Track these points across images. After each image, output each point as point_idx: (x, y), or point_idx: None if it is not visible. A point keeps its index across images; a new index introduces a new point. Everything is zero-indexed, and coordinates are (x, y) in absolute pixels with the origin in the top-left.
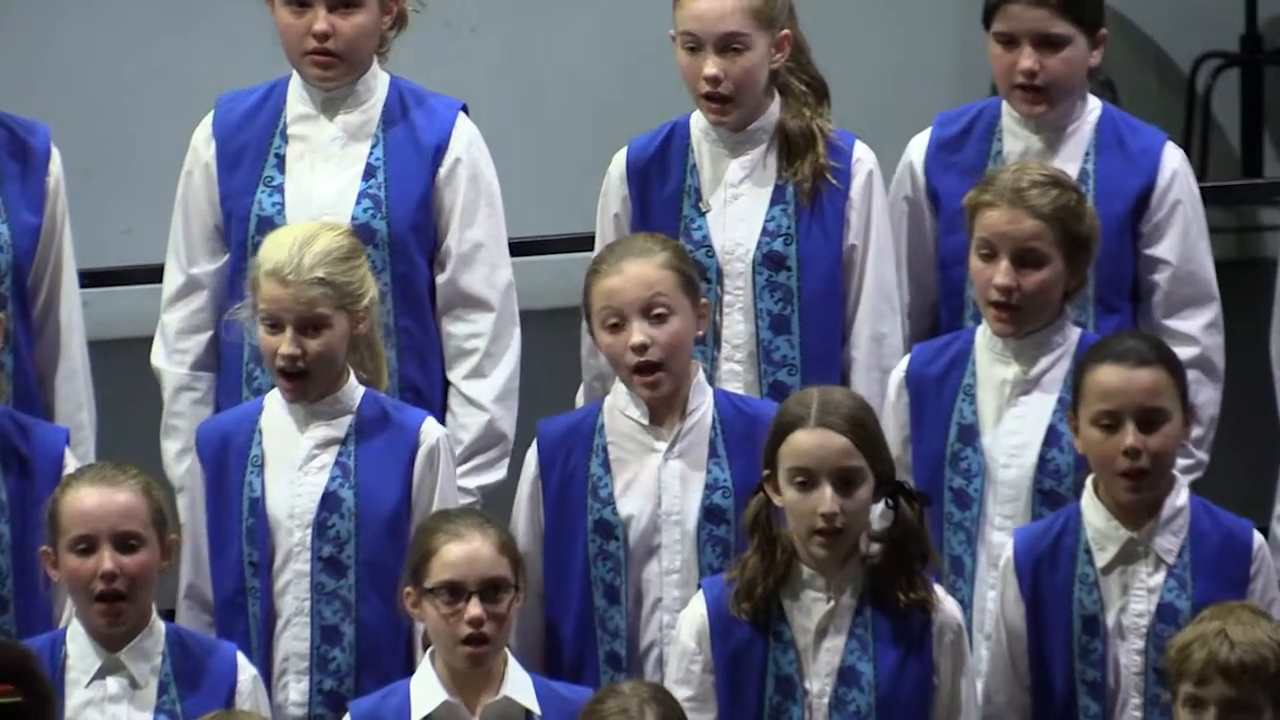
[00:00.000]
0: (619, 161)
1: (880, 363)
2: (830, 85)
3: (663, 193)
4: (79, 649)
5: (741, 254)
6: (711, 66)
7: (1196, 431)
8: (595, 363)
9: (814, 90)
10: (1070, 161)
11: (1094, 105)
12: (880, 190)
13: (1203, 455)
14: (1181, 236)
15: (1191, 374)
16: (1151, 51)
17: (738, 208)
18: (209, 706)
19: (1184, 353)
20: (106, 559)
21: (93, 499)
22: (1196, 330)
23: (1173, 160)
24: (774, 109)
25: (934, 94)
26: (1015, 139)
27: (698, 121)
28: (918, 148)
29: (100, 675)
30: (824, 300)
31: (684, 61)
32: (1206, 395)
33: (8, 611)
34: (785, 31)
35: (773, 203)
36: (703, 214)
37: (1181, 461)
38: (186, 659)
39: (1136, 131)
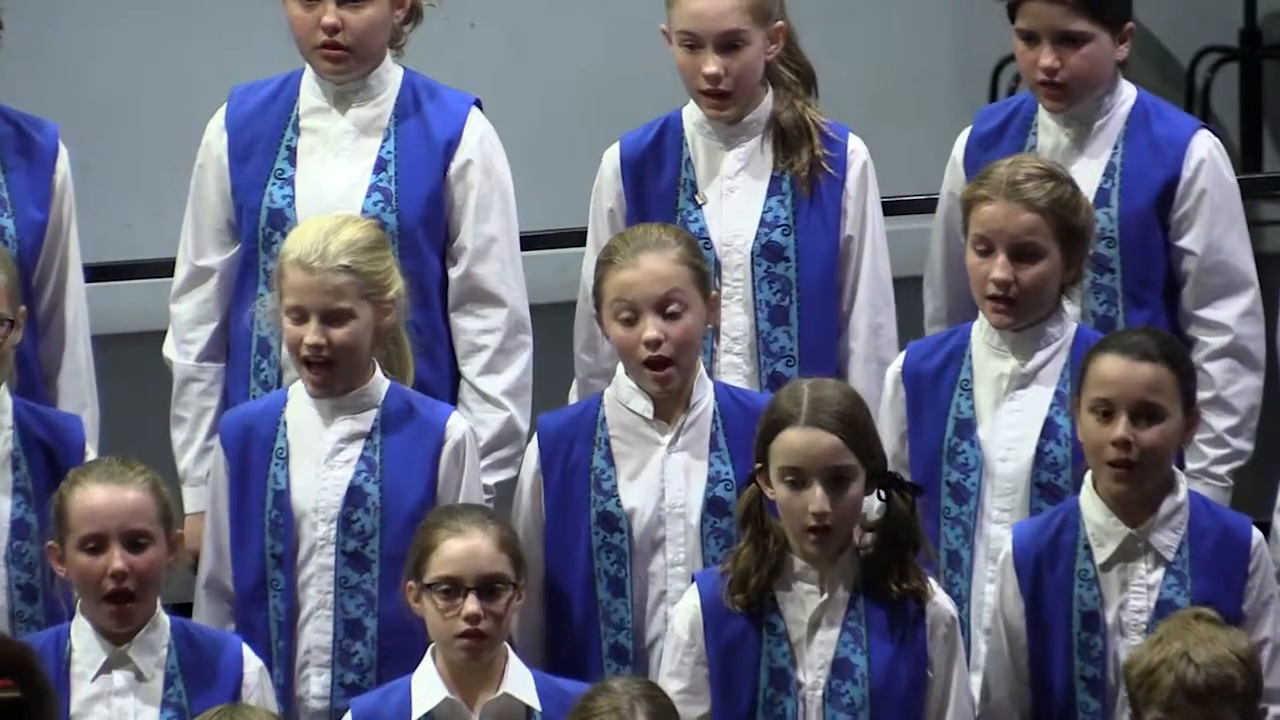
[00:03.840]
0: (612, 157)
1: (878, 354)
2: (825, 81)
3: (658, 187)
4: (84, 643)
5: (740, 246)
6: (712, 65)
7: (1230, 421)
8: (589, 359)
9: (802, 78)
10: (1098, 155)
11: (1127, 95)
12: (874, 181)
13: (1242, 444)
14: (1208, 226)
15: (1223, 363)
16: (1151, 46)
17: (734, 200)
18: (215, 700)
19: (1216, 341)
20: (116, 558)
21: (101, 497)
22: (1229, 319)
23: (1200, 149)
24: (767, 100)
25: (930, 90)
26: (1047, 133)
27: (690, 115)
28: (960, 143)
29: (106, 669)
30: (822, 291)
31: (682, 59)
32: (1244, 383)
33: (37, 600)
34: (779, 23)
35: (770, 194)
36: (699, 207)
37: (1216, 452)
38: (193, 652)
39: (1165, 120)
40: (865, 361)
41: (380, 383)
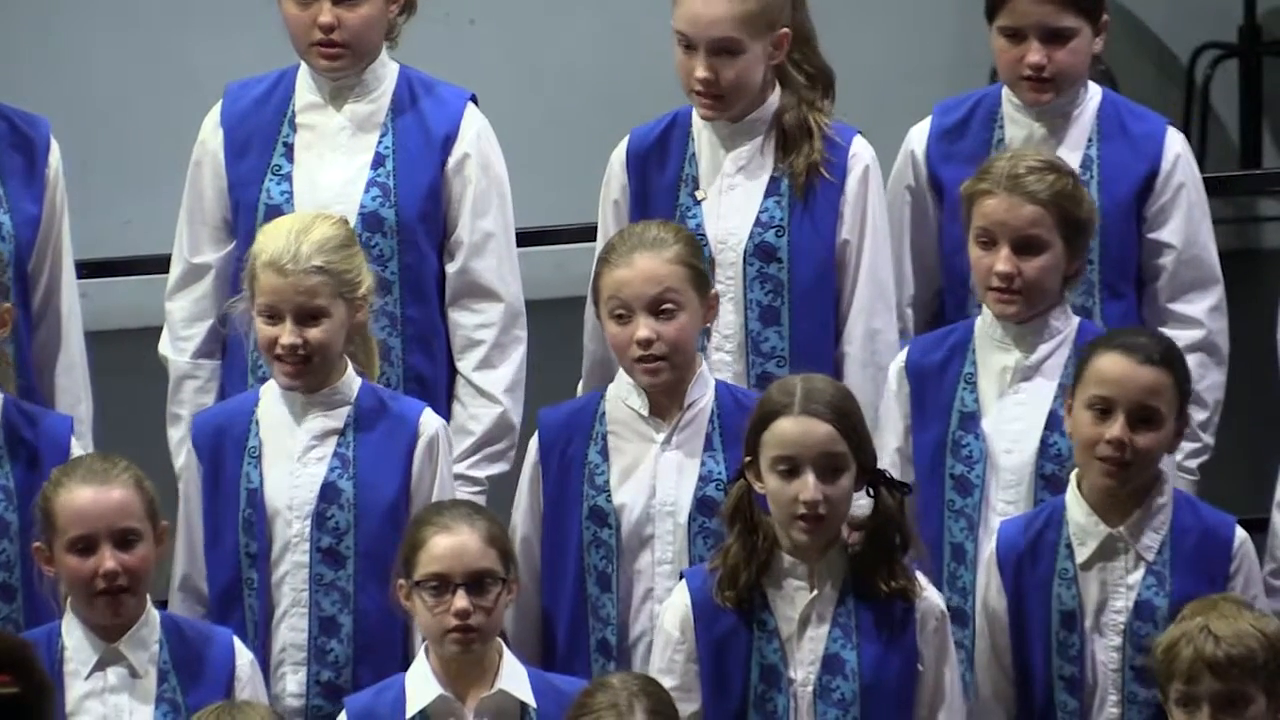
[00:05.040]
0: (621, 150)
1: (874, 359)
2: None
3: (661, 180)
4: (76, 641)
5: (734, 244)
6: (702, 69)
7: (1201, 415)
8: (594, 347)
9: (816, 81)
10: (1074, 148)
11: (1094, 91)
12: (877, 185)
13: (1208, 439)
14: (1185, 220)
15: (1195, 357)
16: (1150, 42)
17: (732, 198)
18: (209, 693)
19: (1188, 336)
20: (108, 558)
21: (87, 497)
22: (1201, 313)
23: (1175, 144)
24: (774, 100)
25: (932, 87)
26: (1017, 126)
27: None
28: (918, 137)
29: (100, 667)
30: (815, 293)
31: (679, 58)
32: (1212, 379)
33: (15, 600)
34: (784, 30)
35: (766, 194)
36: (698, 203)
37: (1187, 445)
38: (184, 647)
39: (1138, 116)
40: (861, 366)
41: (352, 380)
